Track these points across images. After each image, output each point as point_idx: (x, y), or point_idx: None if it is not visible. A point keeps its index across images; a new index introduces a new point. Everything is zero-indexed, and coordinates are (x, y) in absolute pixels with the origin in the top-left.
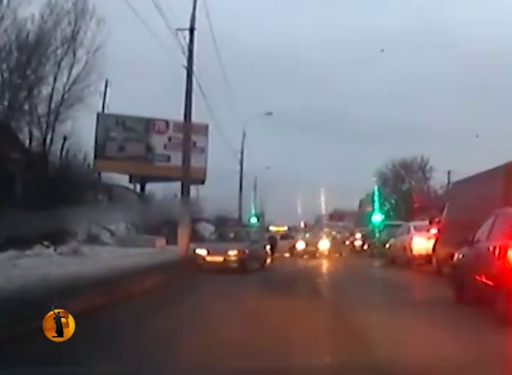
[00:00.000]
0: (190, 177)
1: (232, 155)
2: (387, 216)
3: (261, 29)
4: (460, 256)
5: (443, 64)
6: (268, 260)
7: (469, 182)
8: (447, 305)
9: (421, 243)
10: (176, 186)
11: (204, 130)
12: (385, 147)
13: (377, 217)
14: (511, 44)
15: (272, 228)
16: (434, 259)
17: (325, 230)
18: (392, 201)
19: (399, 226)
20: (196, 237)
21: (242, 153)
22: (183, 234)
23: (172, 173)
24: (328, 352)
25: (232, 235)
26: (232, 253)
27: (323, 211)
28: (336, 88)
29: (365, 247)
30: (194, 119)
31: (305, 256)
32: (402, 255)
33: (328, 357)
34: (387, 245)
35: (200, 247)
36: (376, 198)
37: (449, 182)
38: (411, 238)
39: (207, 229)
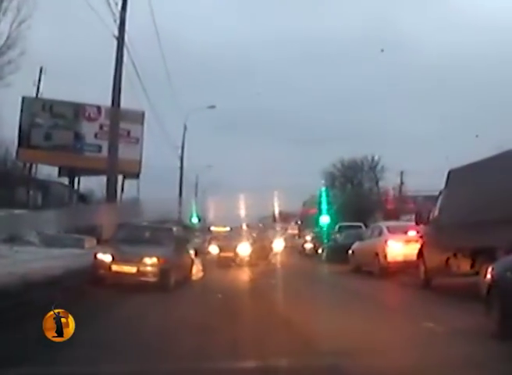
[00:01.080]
0: (122, 170)
1: (173, 150)
2: (337, 218)
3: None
4: (503, 270)
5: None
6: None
7: (483, 167)
8: (488, 344)
9: (398, 248)
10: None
11: (139, 117)
12: (333, 150)
13: (325, 219)
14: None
15: (213, 229)
16: (421, 268)
17: (246, 230)
18: (342, 202)
19: (357, 227)
20: None
21: (183, 147)
22: (108, 234)
23: (103, 166)
24: None
25: (148, 235)
26: (150, 261)
27: (266, 212)
28: (286, 90)
29: (319, 251)
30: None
31: (223, 263)
32: (371, 262)
33: None
34: (350, 250)
35: (104, 250)
36: (324, 199)
37: (402, 182)
38: (385, 242)
39: None
